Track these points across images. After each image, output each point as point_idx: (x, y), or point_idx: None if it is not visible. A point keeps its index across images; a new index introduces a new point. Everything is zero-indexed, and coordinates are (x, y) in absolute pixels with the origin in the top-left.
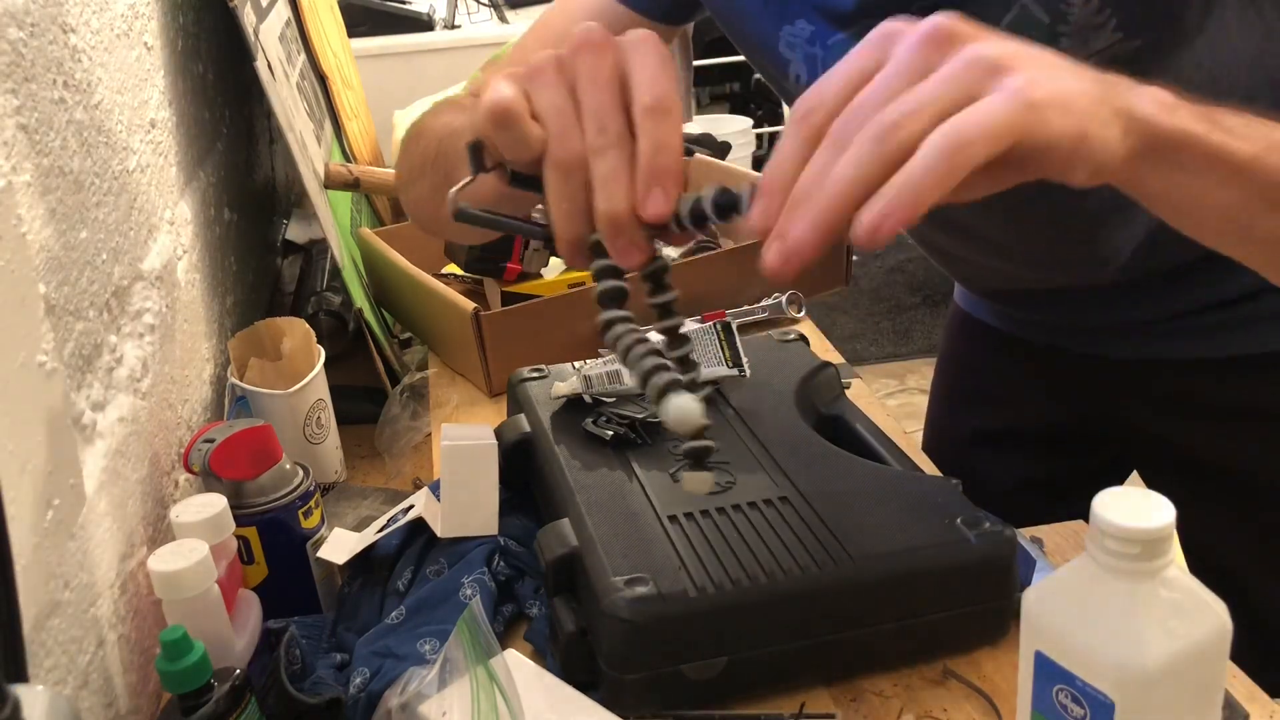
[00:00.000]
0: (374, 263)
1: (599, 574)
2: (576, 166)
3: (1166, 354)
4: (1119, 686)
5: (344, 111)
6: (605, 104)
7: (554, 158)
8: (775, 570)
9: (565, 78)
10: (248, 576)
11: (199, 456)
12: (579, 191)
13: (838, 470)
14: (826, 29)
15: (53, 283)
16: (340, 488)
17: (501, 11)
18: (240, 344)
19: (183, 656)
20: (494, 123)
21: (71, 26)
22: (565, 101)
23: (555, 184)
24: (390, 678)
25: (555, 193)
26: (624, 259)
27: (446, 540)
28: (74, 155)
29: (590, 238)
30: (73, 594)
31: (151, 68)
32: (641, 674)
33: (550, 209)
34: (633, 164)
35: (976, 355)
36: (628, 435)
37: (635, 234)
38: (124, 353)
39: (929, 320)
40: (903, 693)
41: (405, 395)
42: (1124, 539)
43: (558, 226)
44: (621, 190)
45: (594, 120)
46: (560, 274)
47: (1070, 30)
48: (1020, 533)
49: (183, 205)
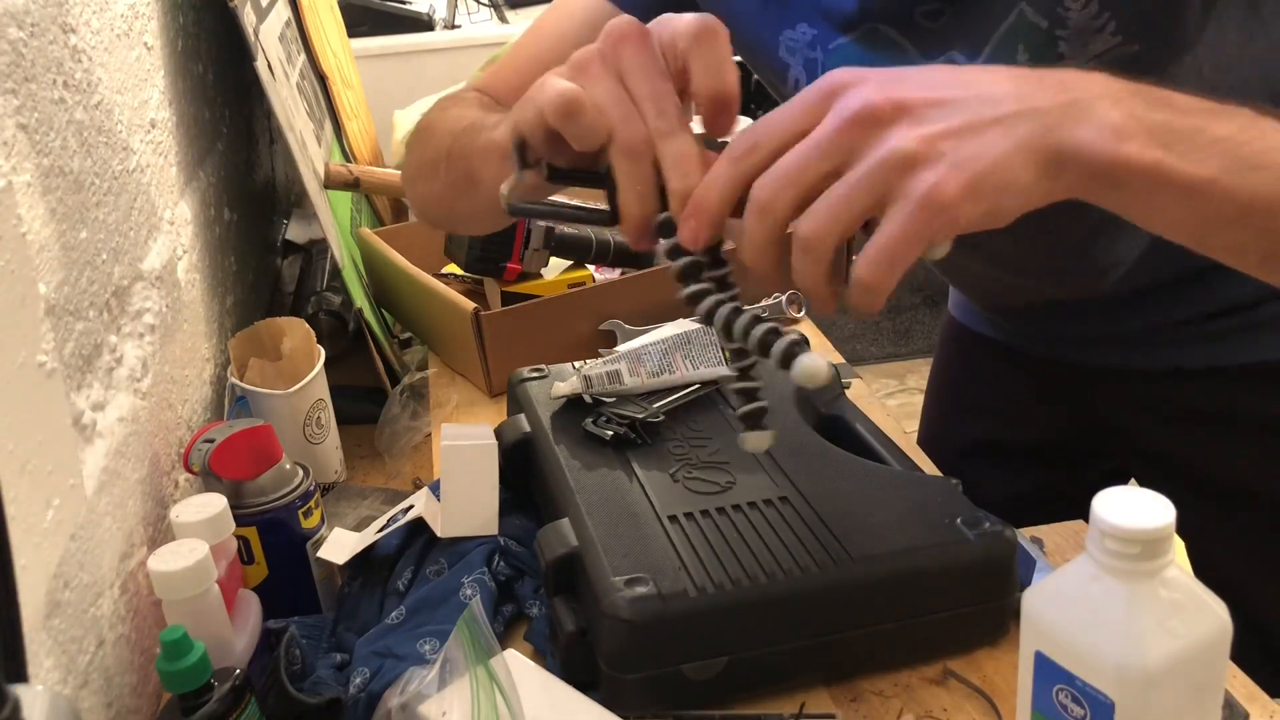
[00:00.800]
0: (374, 263)
1: (599, 574)
2: (645, 151)
3: (1164, 363)
4: (1119, 686)
5: (344, 111)
6: (661, 90)
7: (622, 143)
8: (775, 570)
9: (612, 71)
10: (248, 576)
11: (199, 456)
12: (649, 173)
13: (838, 470)
14: (829, 33)
15: (53, 283)
16: (340, 488)
17: (501, 11)
18: (240, 344)
19: (183, 656)
20: (563, 114)
21: (72, 26)
22: (620, 90)
23: (626, 169)
24: (390, 678)
25: (626, 176)
26: (695, 239)
27: (446, 540)
28: (74, 155)
29: (657, 218)
30: (73, 594)
31: (151, 68)
32: (641, 674)
33: (622, 193)
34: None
35: (972, 366)
36: (628, 435)
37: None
38: (124, 353)
39: (929, 320)
40: (903, 693)
41: (405, 395)
42: (1124, 539)
43: (628, 209)
44: (695, 169)
45: (653, 105)
46: (560, 274)
47: (1069, 34)
48: (1020, 533)
49: (183, 205)
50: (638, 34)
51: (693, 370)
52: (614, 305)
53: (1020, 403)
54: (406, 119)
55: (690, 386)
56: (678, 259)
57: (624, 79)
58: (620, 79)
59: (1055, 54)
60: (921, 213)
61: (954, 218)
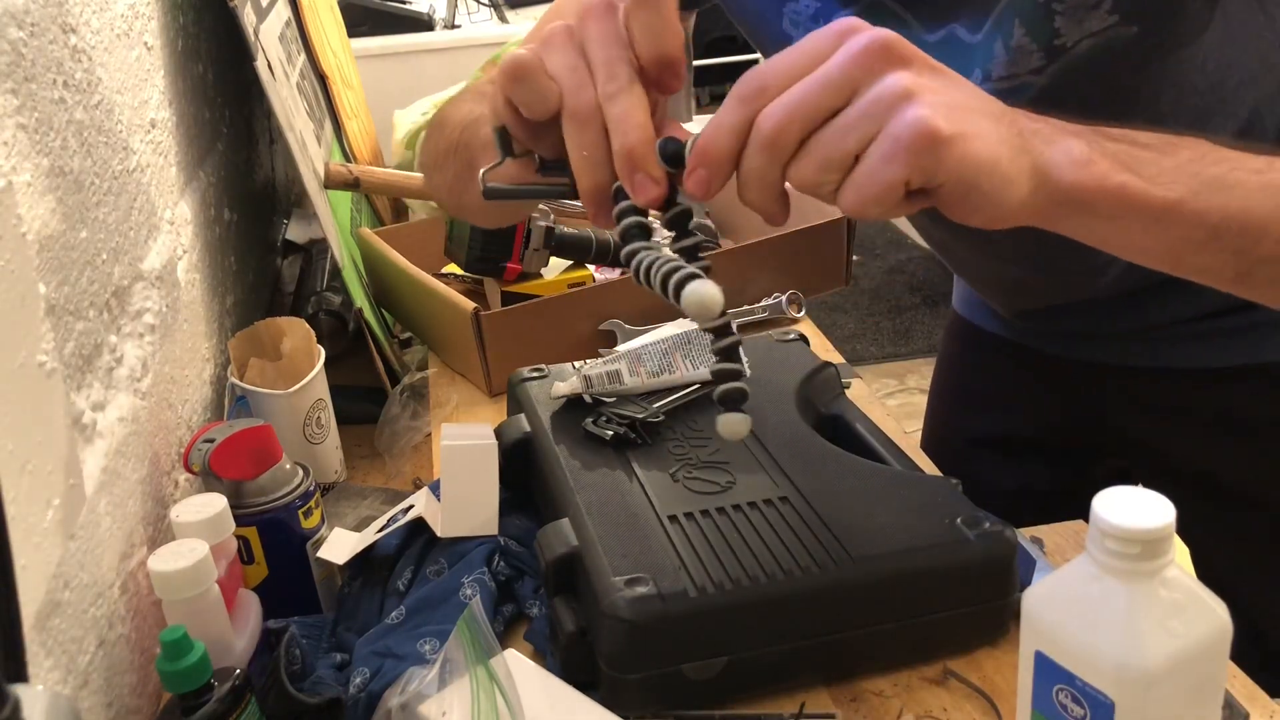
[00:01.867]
0: (374, 263)
1: (599, 574)
2: (591, 116)
3: (1164, 362)
4: (1119, 686)
5: (344, 111)
6: (613, 56)
7: (569, 108)
8: (775, 570)
9: (575, 42)
10: (248, 576)
11: (199, 456)
12: (597, 139)
13: (838, 470)
14: (832, 6)
15: (53, 283)
16: (340, 488)
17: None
18: (240, 344)
19: (183, 656)
20: (510, 77)
21: (72, 26)
22: (577, 60)
23: (573, 134)
24: (390, 678)
25: (573, 142)
26: (642, 195)
27: (446, 540)
28: (74, 155)
29: (613, 185)
30: (73, 594)
31: (151, 68)
32: (641, 674)
33: (571, 160)
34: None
35: (975, 361)
36: (628, 435)
37: (651, 167)
38: (124, 353)
39: (929, 320)
40: (903, 693)
41: (405, 395)
42: (1124, 539)
43: (579, 176)
44: (636, 128)
45: (603, 70)
46: (560, 274)
47: (1065, 9)
48: (1020, 533)
49: (183, 205)
50: (603, 7)
51: (693, 370)
52: (614, 305)
53: (1022, 397)
54: (406, 119)
55: (690, 386)
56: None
57: (584, 49)
58: (581, 50)
59: (1051, 29)
60: (907, 144)
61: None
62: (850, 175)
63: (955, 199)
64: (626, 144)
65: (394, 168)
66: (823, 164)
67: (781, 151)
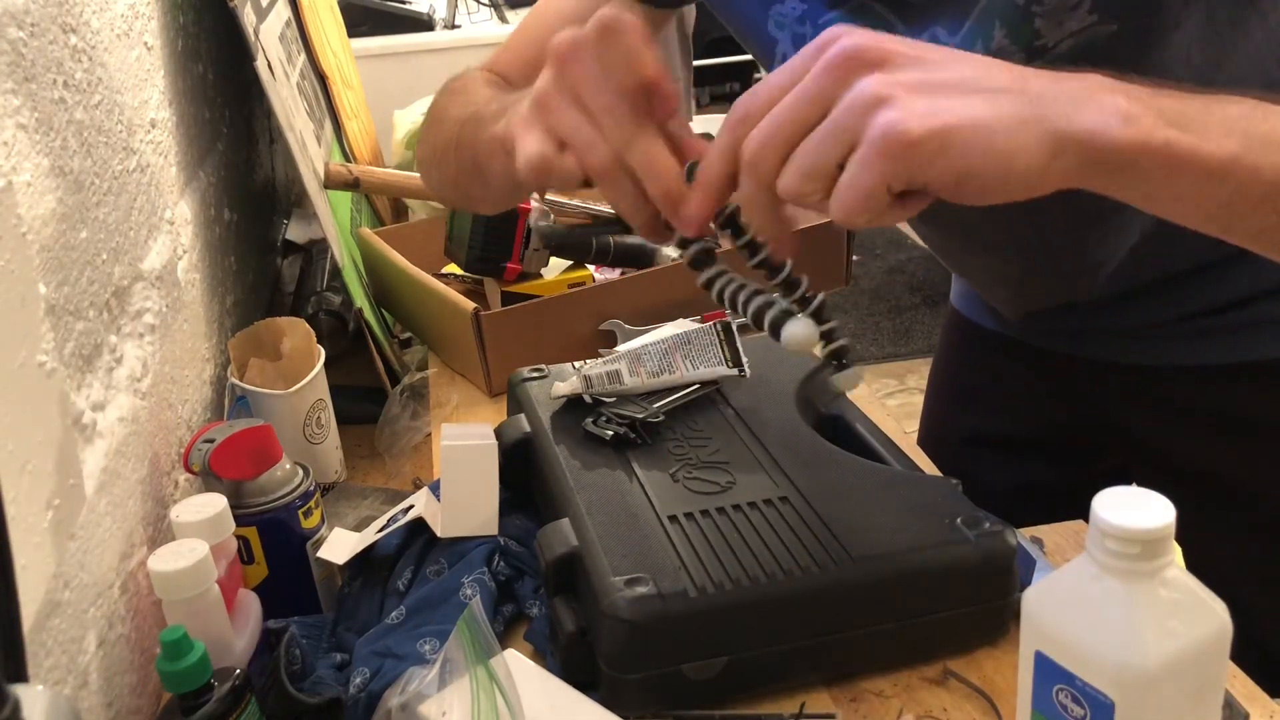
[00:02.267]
0: (374, 263)
1: (599, 574)
2: (614, 170)
3: (1164, 359)
4: (1119, 686)
5: (344, 111)
6: (609, 101)
7: (592, 170)
8: (775, 570)
9: (568, 96)
10: (248, 576)
11: (199, 456)
12: (629, 187)
13: (838, 470)
14: (818, 7)
15: (53, 283)
16: (340, 488)
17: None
18: (240, 344)
19: (183, 656)
20: (536, 181)
21: (72, 26)
22: (579, 118)
23: (605, 189)
24: (390, 678)
25: (609, 195)
26: (689, 229)
27: (446, 540)
28: (74, 155)
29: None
30: (73, 594)
31: (151, 68)
32: (641, 674)
33: (613, 208)
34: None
35: (974, 359)
36: (628, 435)
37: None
38: (124, 353)
39: (929, 320)
40: (903, 693)
41: (405, 395)
42: (1124, 539)
43: (628, 220)
44: (663, 170)
45: (609, 119)
46: (560, 274)
47: (1044, 10)
48: (1020, 533)
49: (183, 205)
50: (573, 49)
51: (693, 370)
52: (614, 305)
53: (1021, 395)
54: (406, 119)
55: (690, 386)
56: (688, 247)
57: (581, 100)
58: (578, 102)
59: (1031, 30)
60: (879, 150)
61: (916, 163)
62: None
63: (951, 191)
64: (658, 190)
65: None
66: (804, 175)
67: (765, 174)
